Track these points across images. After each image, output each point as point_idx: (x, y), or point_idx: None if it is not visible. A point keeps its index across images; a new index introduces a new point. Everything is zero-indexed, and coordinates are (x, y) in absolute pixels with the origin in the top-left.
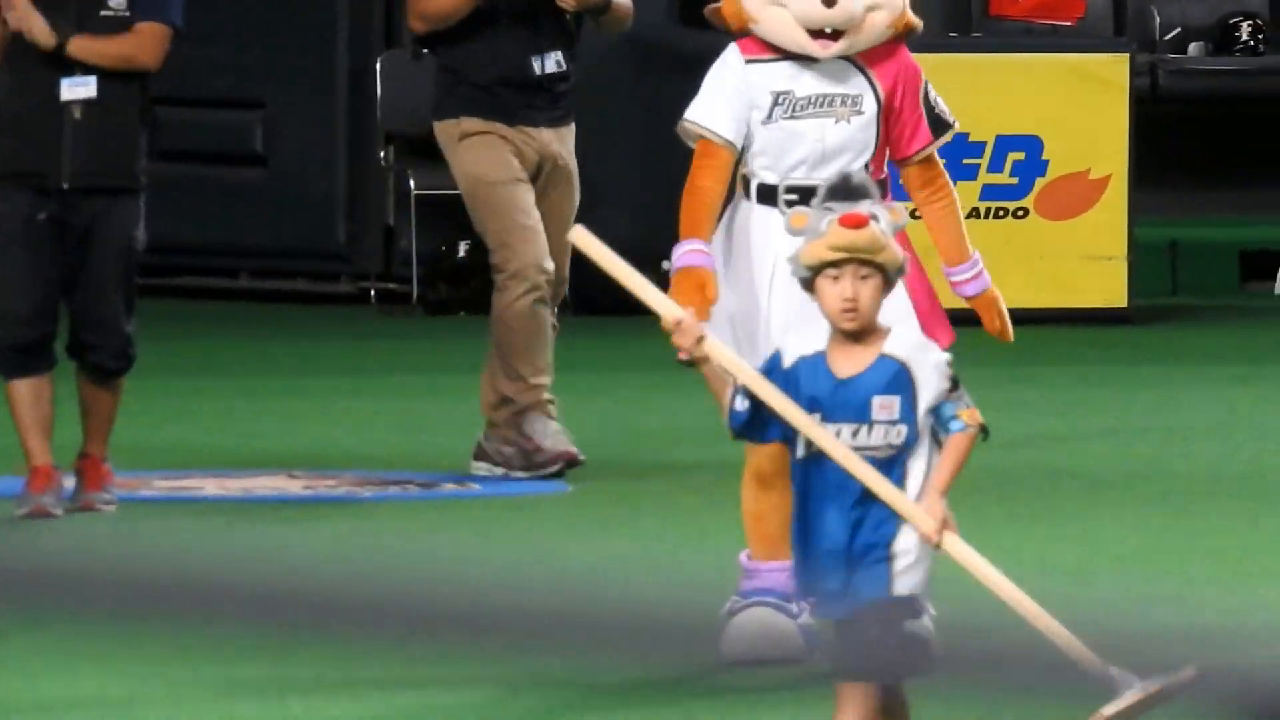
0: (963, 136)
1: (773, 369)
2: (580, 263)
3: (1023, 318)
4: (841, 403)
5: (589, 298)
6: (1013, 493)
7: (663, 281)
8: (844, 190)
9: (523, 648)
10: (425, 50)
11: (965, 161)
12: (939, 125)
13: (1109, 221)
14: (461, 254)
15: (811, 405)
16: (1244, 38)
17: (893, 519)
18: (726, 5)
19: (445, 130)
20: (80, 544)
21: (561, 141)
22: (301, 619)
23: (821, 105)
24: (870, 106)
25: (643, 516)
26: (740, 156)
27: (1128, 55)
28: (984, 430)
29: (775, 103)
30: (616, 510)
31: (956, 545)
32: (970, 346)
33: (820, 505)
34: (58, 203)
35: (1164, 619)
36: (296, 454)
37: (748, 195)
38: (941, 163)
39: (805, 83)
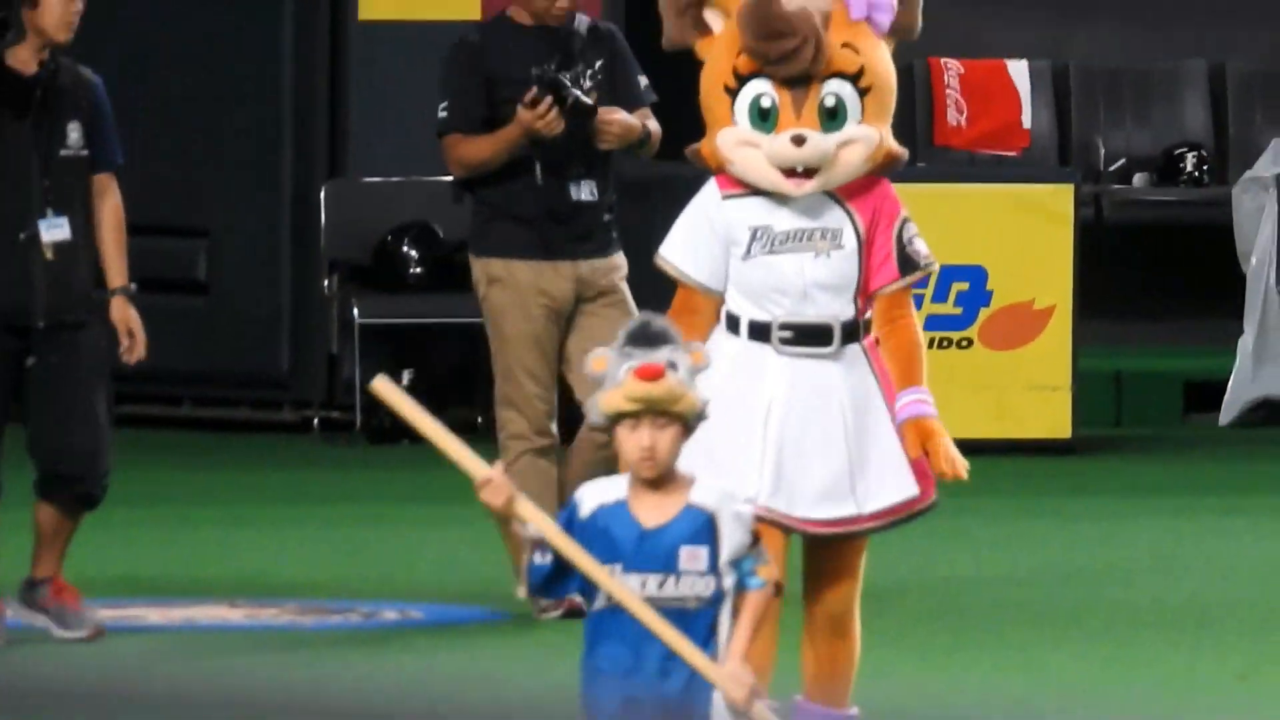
0: None
1: (571, 518)
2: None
3: (967, 448)
4: (648, 552)
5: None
6: (957, 623)
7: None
8: (643, 336)
9: None
10: (465, 191)
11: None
12: (907, 264)
13: (1053, 352)
14: (405, 382)
15: (616, 555)
16: (1189, 168)
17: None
18: (704, 145)
19: (476, 267)
20: (27, 670)
21: (605, 273)
22: None
23: (800, 240)
24: (850, 240)
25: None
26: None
27: (1073, 185)
28: (778, 588)
29: (754, 238)
30: (558, 637)
31: (765, 715)
32: None
33: (621, 650)
34: (33, 341)
35: None
36: (238, 583)
37: (736, 331)
38: (912, 305)
39: (783, 217)
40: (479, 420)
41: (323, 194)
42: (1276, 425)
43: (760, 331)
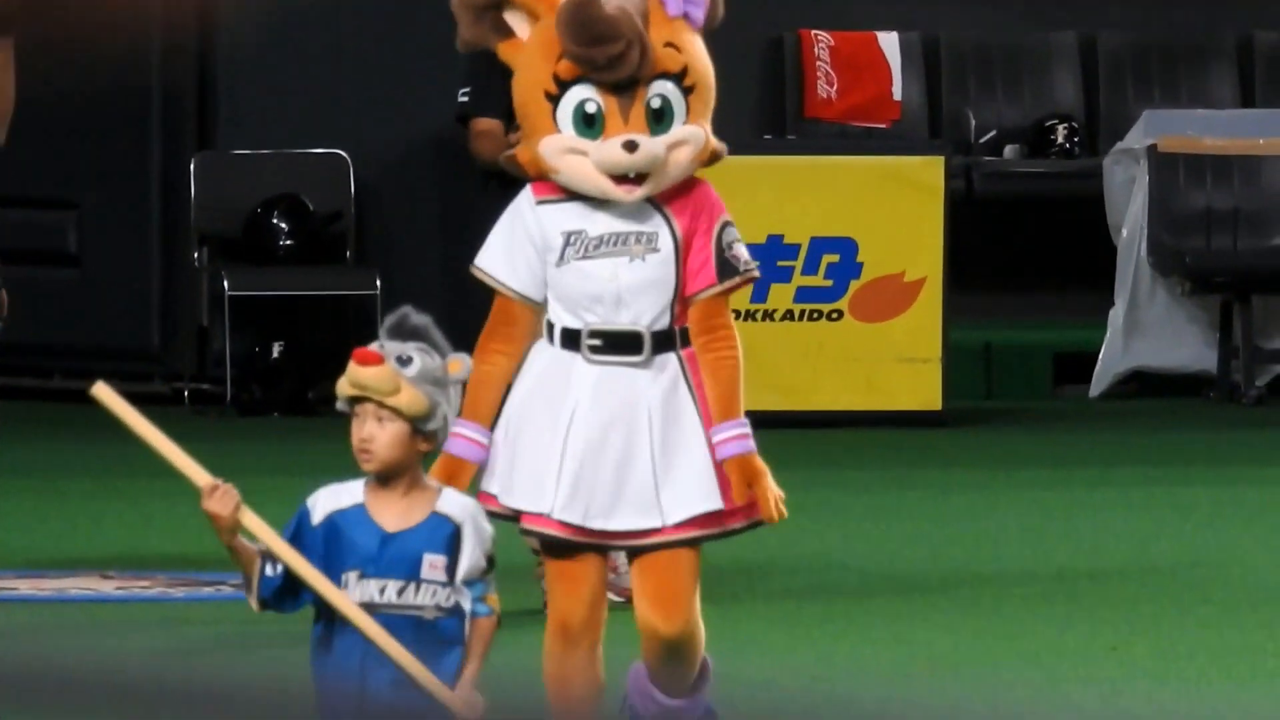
0: (778, 238)
1: (300, 525)
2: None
3: (836, 420)
4: (391, 557)
5: None
6: (825, 596)
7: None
8: (397, 328)
9: None
10: (492, 182)
11: (780, 264)
12: (725, 269)
13: (923, 324)
14: (275, 355)
15: (356, 560)
16: (1059, 140)
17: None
18: (521, 152)
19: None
20: None
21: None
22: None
23: (615, 244)
24: (667, 244)
25: None
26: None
27: (943, 158)
28: (499, 620)
29: (567, 243)
30: None
31: None
32: (780, 445)
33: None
34: None
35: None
36: (109, 554)
37: (551, 340)
38: (730, 315)
39: (598, 222)
40: None
41: (192, 167)
42: (1147, 397)
43: (571, 339)
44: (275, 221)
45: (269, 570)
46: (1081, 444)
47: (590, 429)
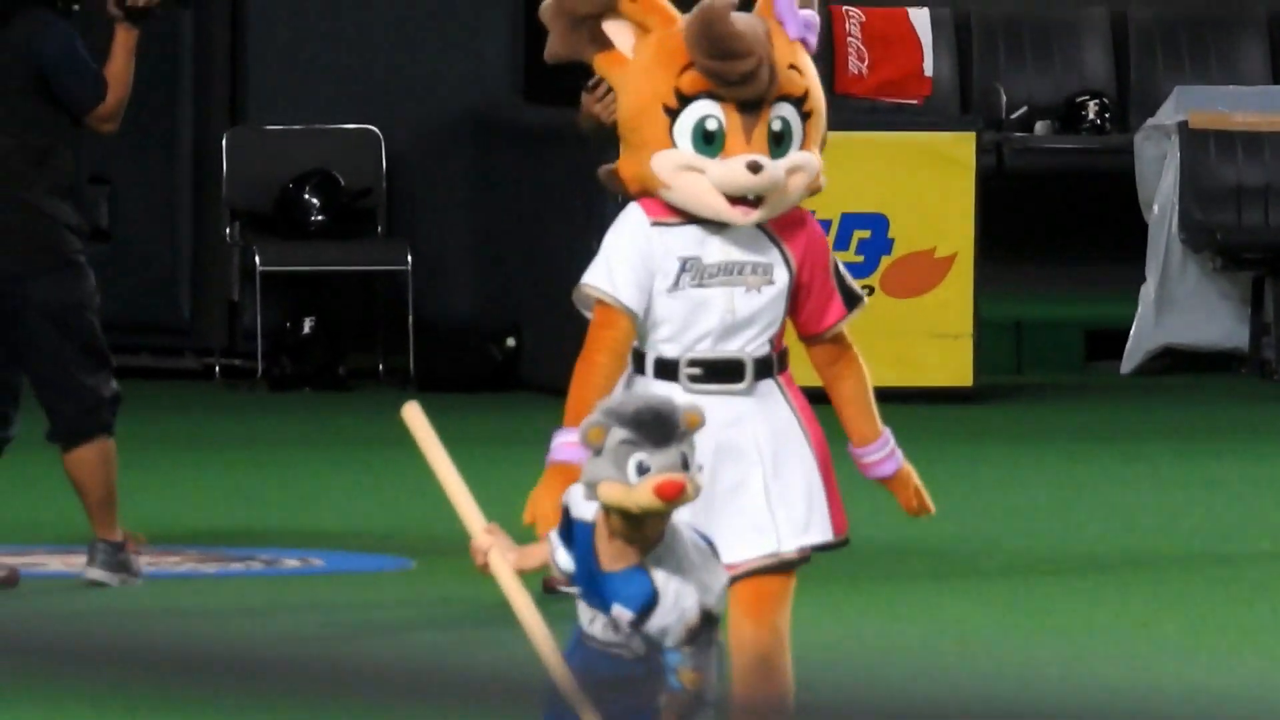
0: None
1: (566, 514)
2: (429, 339)
3: None
4: (597, 593)
5: (432, 374)
6: (856, 569)
7: (503, 357)
8: (653, 427)
9: None
10: None
11: None
12: (851, 299)
13: (954, 299)
14: (306, 329)
15: (577, 580)
16: (1090, 116)
17: None
18: (624, 167)
19: None
20: None
21: None
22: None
23: (732, 273)
24: (781, 277)
25: (485, 593)
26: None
27: (974, 133)
28: (692, 695)
29: (683, 269)
30: (459, 587)
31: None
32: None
33: None
34: None
35: (1006, 695)
36: (140, 528)
37: (642, 370)
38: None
39: (714, 249)
40: (379, 367)
41: (224, 142)
42: (1177, 373)
43: (667, 370)
44: (306, 196)
45: (561, 560)
46: (1112, 419)
47: (701, 457)
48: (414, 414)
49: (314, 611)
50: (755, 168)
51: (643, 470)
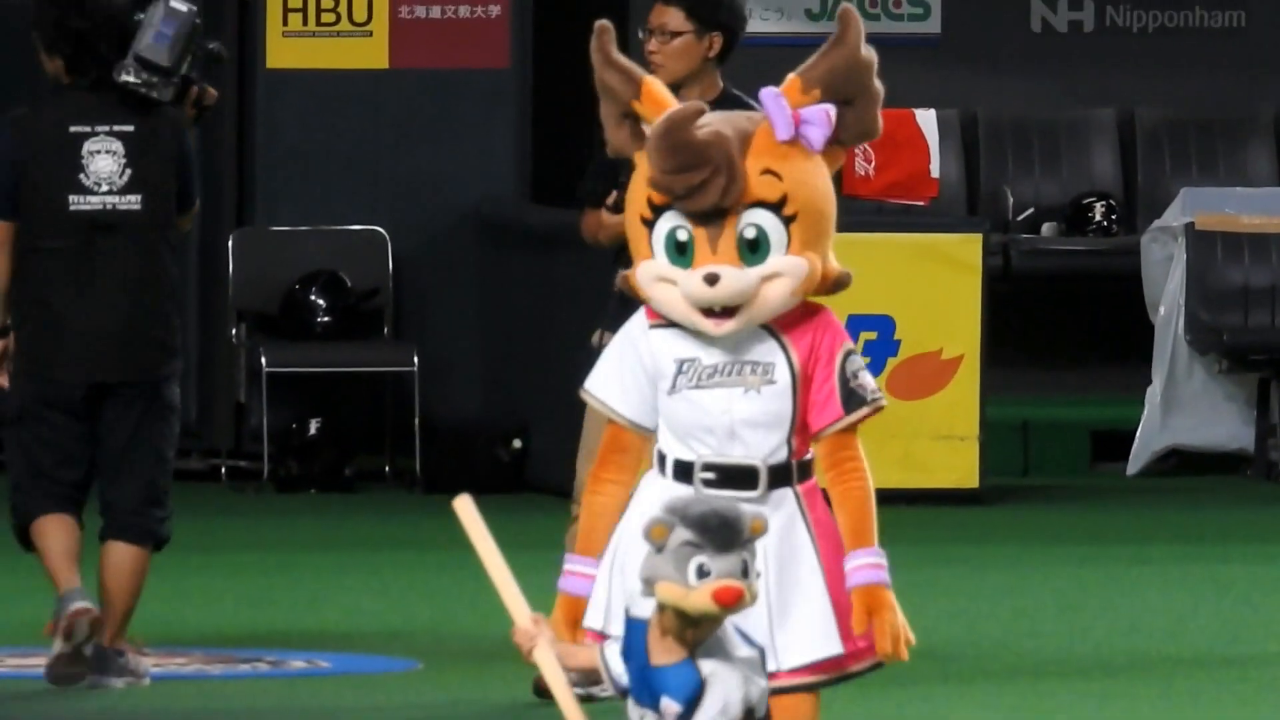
0: None
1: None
2: (436, 440)
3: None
4: (643, 684)
5: (439, 476)
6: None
7: (509, 459)
8: (718, 531)
9: None
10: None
11: None
12: (852, 400)
13: (961, 401)
14: (312, 431)
15: (629, 679)
16: (1097, 218)
17: None
18: (631, 275)
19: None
20: None
21: None
22: None
23: (729, 373)
24: (783, 376)
25: (492, 694)
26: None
27: (981, 235)
28: None
29: (679, 371)
30: (467, 688)
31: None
32: None
33: None
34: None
35: None
36: (146, 630)
37: (662, 470)
38: (859, 445)
39: (712, 349)
40: (386, 468)
41: (230, 242)
42: (1184, 475)
43: (684, 472)
44: (313, 297)
45: (614, 667)
46: (1118, 521)
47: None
48: (465, 506)
49: (321, 713)
50: (712, 279)
51: (703, 574)
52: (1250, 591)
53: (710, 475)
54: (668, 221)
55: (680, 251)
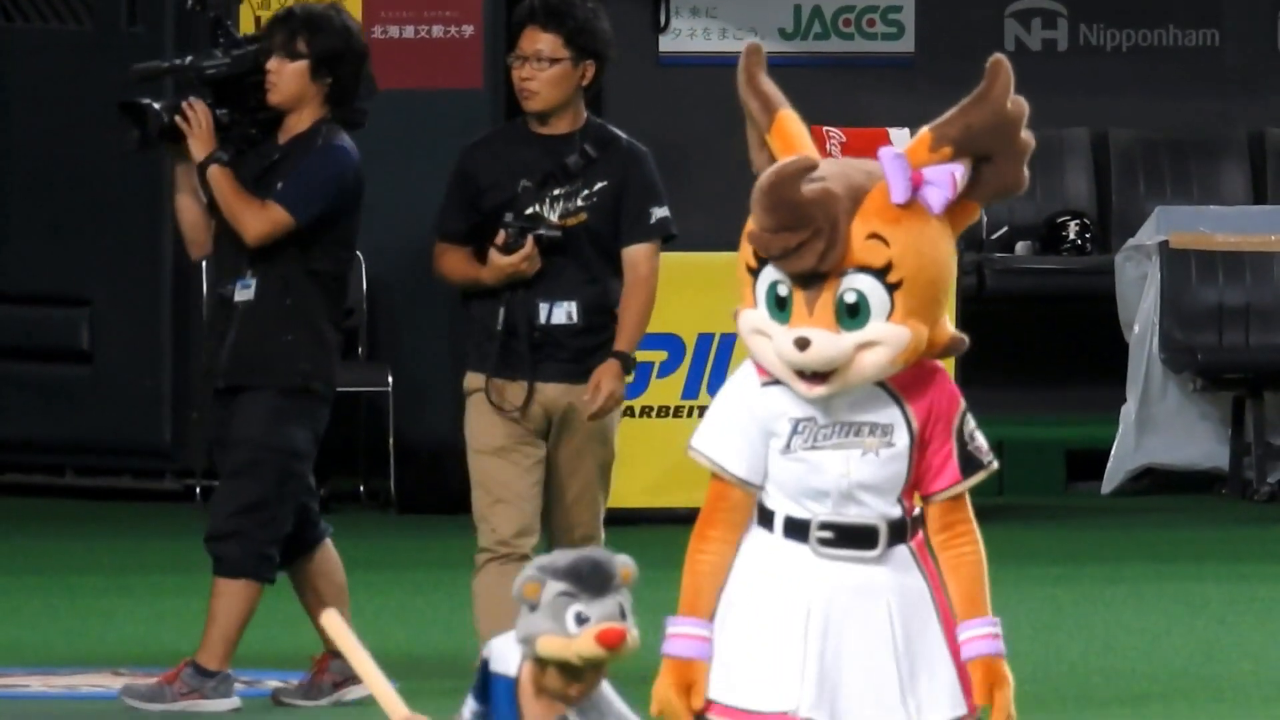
0: None
1: (484, 669)
2: (410, 461)
3: None
4: None
5: (413, 497)
6: None
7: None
8: (591, 578)
9: None
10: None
11: None
12: (970, 464)
13: None
14: None
15: None
16: (1071, 237)
17: None
18: (736, 318)
19: (465, 382)
20: None
21: (577, 395)
22: None
23: (847, 434)
24: (902, 439)
25: None
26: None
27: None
28: None
29: (795, 430)
30: (442, 709)
31: None
32: None
33: None
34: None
35: None
36: (121, 651)
37: (769, 526)
38: (970, 508)
39: (829, 408)
40: (360, 489)
41: (204, 264)
42: (1159, 494)
43: (797, 529)
44: None
45: None
46: (1093, 540)
47: (829, 627)
48: (333, 620)
49: None
50: (803, 344)
51: (581, 620)
52: (1225, 611)
53: (828, 534)
54: (769, 274)
55: (780, 306)
